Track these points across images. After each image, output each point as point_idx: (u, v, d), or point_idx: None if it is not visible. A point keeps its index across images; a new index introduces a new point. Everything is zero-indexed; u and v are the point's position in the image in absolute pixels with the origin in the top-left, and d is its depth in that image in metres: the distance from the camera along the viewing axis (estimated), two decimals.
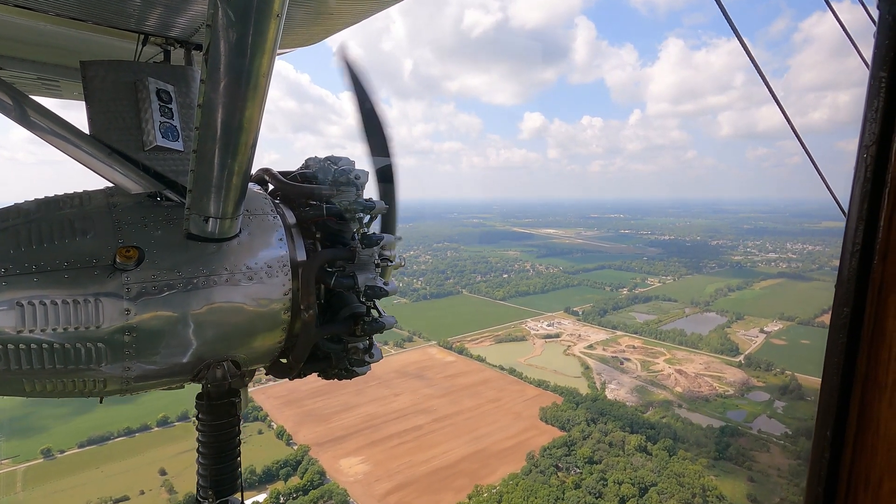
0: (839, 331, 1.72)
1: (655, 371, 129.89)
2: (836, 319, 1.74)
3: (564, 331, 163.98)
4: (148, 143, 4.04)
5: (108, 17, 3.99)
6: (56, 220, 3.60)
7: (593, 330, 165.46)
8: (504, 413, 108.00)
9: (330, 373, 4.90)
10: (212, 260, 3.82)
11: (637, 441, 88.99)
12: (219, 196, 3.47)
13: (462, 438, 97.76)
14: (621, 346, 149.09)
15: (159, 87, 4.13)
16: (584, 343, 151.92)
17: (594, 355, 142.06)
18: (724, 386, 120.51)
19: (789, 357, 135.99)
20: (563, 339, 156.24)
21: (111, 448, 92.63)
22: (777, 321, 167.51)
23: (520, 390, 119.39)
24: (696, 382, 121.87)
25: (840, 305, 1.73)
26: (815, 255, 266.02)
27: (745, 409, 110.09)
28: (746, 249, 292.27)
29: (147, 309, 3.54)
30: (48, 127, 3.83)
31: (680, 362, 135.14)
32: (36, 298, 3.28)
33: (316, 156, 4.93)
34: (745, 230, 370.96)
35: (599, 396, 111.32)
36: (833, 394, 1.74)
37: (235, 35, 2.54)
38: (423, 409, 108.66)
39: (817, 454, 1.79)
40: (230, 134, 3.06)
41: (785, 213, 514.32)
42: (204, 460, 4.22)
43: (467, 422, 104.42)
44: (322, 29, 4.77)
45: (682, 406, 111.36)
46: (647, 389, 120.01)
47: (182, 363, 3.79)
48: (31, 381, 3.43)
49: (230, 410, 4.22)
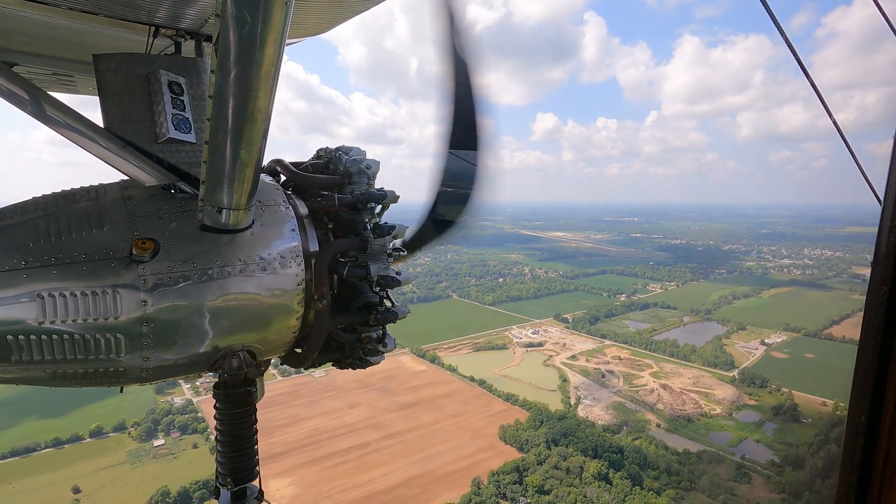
0: (876, 310, 1.62)
1: (638, 386, 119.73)
2: (873, 298, 1.64)
3: (549, 339, 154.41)
4: (161, 136, 4.03)
5: (119, 9, 3.97)
6: (73, 213, 3.63)
7: (581, 339, 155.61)
8: (462, 430, 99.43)
9: (344, 363, 4.88)
10: (226, 251, 3.83)
11: (597, 468, 79.51)
12: (232, 187, 3.42)
13: (409, 459, 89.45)
14: (607, 357, 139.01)
15: (171, 79, 4.14)
16: (567, 353, 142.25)
17: (576, 367, 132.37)
18: (711, 404, 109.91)
19: (789, 372, 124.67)
20: (546, 349, 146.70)
21: (33, 461, 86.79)
22: (781, 332, 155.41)
23: (486, 404, 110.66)
24: (681, 399, 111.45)
25: (878, 284, 1.63)
26: (833, 261, 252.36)
27: (731, 431, 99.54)
28: (760, 255, 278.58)
29: (163, 300, 3.57)
30: (64, 121, 3.83)
31: (667, 376, 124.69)
32: (56, 290, 3.33)
33: (327, 146, 4.89)
34: (762, 235, 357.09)
35: (569, 414, 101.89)
36: (868, 376, 1.63)
37: (245, 24, 2.52)
38: (376, 425, 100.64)
39: (850, 440, 1.70)
40: (242, 124, 3.01)
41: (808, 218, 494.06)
42: (222, 448, 4.16)
43: (420, 439, 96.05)
44: (331, 17, 4.73)
45: (661, 426, 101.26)
46: (625, 406, 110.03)
47: (199, 353, 3.81)
48: (53, 371, 3.48)
49: (246, 399, 4.15)
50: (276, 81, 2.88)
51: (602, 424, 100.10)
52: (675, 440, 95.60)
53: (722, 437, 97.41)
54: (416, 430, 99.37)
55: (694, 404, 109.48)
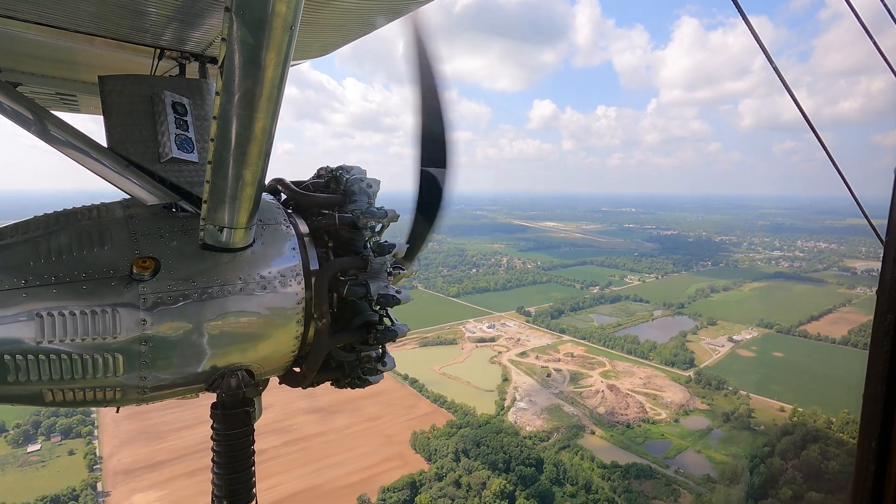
0: (883, 338, 1.63)
1: (583, 386, 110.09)
2: (880, 327, 1.65)
3: (504, 334, 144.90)
4: (164, 155, 4.09)
5: (124, 32, 4.08)
6: (74, 231, 3.63)
7: (538, 334, 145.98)
8: (375, 436, 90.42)
9: (343, 382, 4.84)
10: (226, 270, 3.84)
11: (501, 485, 70.05)
12: (233, 206, 3.45)
13: (304, 469, 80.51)
14: (559, 354, 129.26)
15: (175, 100, 4.21)
16: (519, 349, 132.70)
17: (523, 364, 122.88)
18: (657, 407, 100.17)
19: (752, 373, 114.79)
20: (498, 345, 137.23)
21: None
22: (753, 328, 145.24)
23: (412, 406, 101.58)
24: (625, 402, 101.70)
25: (884, 313, 1.65)
26: (825, 253, 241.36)
27: (672, 439, 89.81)
28: (751, 246, 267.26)
29: (163, 319, 3.56)
30: (67, 140, 3.85)
31: (618, 376, 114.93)
32: (55, 310, 3.31)
33: (328, 165, 4.90)
34: (759, 227, 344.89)
35: (493, 420, 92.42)
36: (877, 404, 1.64)
37: (250, 48, 2.60)
38: (282, 428, 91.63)
39: (861, 467, 1.70)
40: (245, 145, 3.06)
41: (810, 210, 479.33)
42: (218, 470, 4.06)
43: (324, 447, 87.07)
44: (333, 40, 4.83)
45: (595, 433, 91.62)
46: (562, 410, 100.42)
47: (197, 373, 3.77)
48: (50, 391, 3.43)
49: (244, 420, 4.08)
50: (280, 103, 2.93)
51: (530, 431, 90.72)
52: (607, 449, 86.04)
53: (660, 446, 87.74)
54: (322, 436, 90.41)
55: (638, 408, 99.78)
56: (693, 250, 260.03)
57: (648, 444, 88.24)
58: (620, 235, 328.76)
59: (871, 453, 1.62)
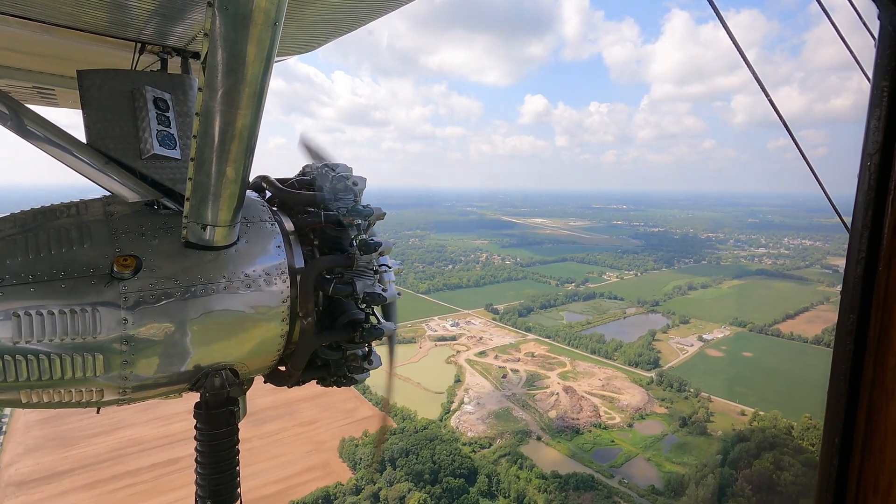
0: (846, 337, 1.71)
1: (539, 388, 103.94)
2: (843, 326, 1.73)
3: (467, 332, 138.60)
4: (145, 152, 3.98)
5: (104, 26, 4.00)
6: (53, 229, 3.55)
7: (503, 332, 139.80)
8: (303, 443, 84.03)
9: (329, 380, 4.79)
10: (210, 268, 3.75)
11: (420, 499, 63.79)
12: (217, 204, 3.40)
13: None
14: (520, 353, 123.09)
15: (156, 96, 4.12)
16: (478, 349, 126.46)
17: (480, 364, 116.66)
18: (612, 411, 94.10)
19: (718, 374, 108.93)
20: (458, 343, 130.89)
21: None
22: (725, 327, 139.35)
23: (352, 410, 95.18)
24: (579, 405, 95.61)
25: (846, 312, 1.72)
26: (809, 251, 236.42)
27: (623, 445, 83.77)
28: (738, 243, 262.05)
29: (144, 318, 3.47)
30: (45, 136, 3.71)
31: (576, 377, 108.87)
32: (33, 309, 3.23)
33: (313, 162, 4.90)
34: (748, 224, 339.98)
35: (432, 425, 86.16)
36: (840, 400, 1.73)
37: (233, 43, 2.55)
38: None
39: (826, 461, 1.79)
40: (228, 142, 3.02)
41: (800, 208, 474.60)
42: (202, 470, 4.01)
43: (245, 454, 78.75)
44: (319, 36, 4.78)
45: (542, 439, 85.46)
46: (511, 414, 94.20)
47: (180, 372, 3.68)
48: (28, 392, 3.34)
49: (228, 419, 4.00)
50: (264, 100, 2.90)
51: (471, 437, 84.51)
52: (552, 457, 79.92)
53: (608, 453, 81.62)
54: (247, 443, 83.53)
55: (592, 411, 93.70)
56: (677, 247, 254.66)
57: (596, 451, 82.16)
58: (607, 232, 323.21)
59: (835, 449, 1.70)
